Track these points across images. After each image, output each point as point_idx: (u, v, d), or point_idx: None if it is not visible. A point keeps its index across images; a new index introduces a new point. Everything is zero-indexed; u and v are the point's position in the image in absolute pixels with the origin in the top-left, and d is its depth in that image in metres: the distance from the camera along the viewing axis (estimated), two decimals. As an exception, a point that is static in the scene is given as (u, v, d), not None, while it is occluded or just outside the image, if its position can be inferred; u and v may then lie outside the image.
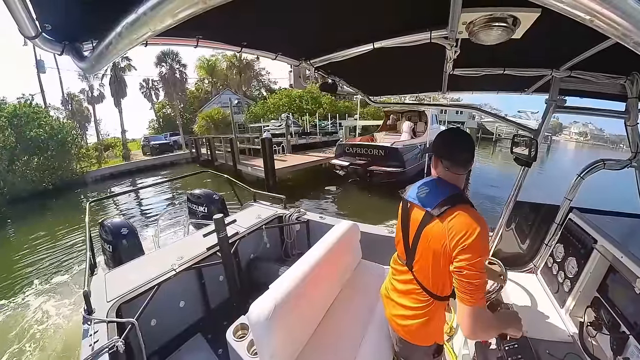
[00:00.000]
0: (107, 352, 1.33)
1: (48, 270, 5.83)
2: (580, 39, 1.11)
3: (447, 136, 1.22)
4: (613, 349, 1.20)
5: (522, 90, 2.05)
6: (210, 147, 16.13)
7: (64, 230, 8.34)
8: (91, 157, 17.89)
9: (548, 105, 1.61)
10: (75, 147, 15.83)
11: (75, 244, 7.26)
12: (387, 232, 2.41)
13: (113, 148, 24.43)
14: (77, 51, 0.86)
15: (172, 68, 25.93)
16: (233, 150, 12.89)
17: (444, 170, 1.18)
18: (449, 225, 1.03)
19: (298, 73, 1.64)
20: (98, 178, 16.75)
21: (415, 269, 1.21)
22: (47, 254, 6.75)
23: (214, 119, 21.98)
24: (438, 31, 1.05)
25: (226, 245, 2.01)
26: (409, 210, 1.25)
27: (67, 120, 19.21)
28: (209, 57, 30.22)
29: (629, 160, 1.53)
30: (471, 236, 0.98)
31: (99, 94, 24.46)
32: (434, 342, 1.25)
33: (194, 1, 0.50)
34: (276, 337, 1.22)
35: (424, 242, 1.14)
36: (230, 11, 0.67)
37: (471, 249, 0.98)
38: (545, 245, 1.91)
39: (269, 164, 10.16)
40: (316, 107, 22.73)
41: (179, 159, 21.52)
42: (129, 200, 11.46)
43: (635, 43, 0.40)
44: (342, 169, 9.89)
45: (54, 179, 13.91)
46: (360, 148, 9.59)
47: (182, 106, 28.93)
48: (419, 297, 1.21)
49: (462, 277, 0.99)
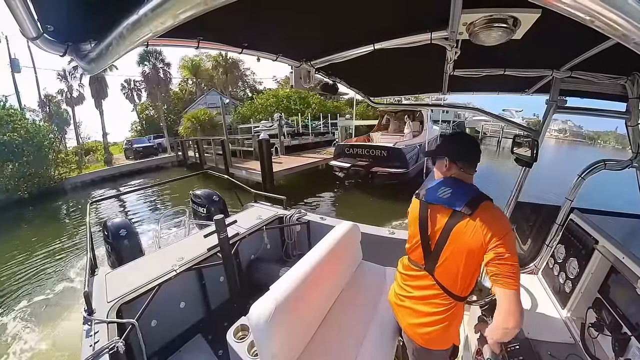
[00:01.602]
0: (108, 352, 1.33)
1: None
2: (580, 40, 1.11)
3: (459, 140, 1.29)
4: (615, 350, 1.19)
5: (523, 90, 2.05)
6: (198, 150, 15.26)
7: (38, 248, 7.11)
8: (70, 163, 16.55)
9: (549, 106, 1.61)
10: (52, 151, 14.55)
11: (46, 264, 6.18)
12: (388, 233, 2.41)
13: (94, 152, 23.04)
14: (79, 52, 0.86)
15: (155, 67, 24.38)
16: (225, 152, 12.08)
17: (459, 171, 1.22)
18: (483, 220, 1.07)
19: (299, 74, 1.65)
20: (78, 185, 15.39)
21: (438, 271, 1.19)
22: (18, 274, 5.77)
23: (200, 120, 20.97)
24: (438, 32, 1.05)
25: (227, 246, 2.01)
26: (429, 212, 1.23)
27: (43, 123, 17.64)
28: (192, 57, 29.01)
29: (630, 160, 1.53)
30: (507, 228, 1.07)
31: (79, 95, 22.89)
32: (451, 344, 1.25)
33: (195, 2, 0.50)
34: (277, 338, 1.22)
35: (454, 241, 1.13)
36: (232, 12, 0.67)
37: (509, 237, 1.05)
38: (547, 246, 1.91)
39: (266, 167, 9.61)
40: (304, 107, 22.42)
41: (165, 163, 20.45)
42: (123, 203, 11.01)
43: (635, 43, 0.40)
44: (342, 171, 9.72)
45: (30, 186, 12.70)
46: (362, 149, 9.37)
47: (166, 107, 27.54)
48: (440, 301, 1.19)
49: (505, 260, 1.02)
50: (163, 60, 24.81)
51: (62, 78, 22.28)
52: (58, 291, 5.06)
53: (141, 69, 24.35)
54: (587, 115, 1.66)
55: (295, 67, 1.64)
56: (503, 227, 1.06)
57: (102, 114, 22.51)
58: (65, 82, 22.37)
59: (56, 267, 6.05)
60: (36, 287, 5.31)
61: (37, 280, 5.56)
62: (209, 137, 16.08)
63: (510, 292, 1.00)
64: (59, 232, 8.29)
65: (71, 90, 22.60)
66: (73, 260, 6.28)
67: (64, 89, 22.65)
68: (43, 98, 22.07)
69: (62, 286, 5.21)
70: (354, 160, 9.39)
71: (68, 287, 5.18)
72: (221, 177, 4.53)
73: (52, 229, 8.82)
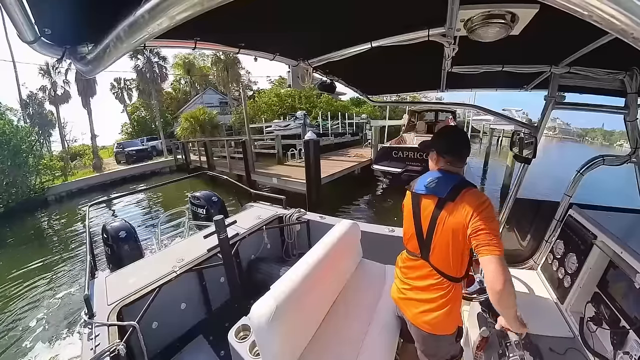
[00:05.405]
0: (109, 355, 1.32)
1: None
2: (579, 35, 1.11)
3: (447, 134, 1.35)
4: (613, 344, 1.20)
5: (521, 87, 2.05)
6: (206, 153, 13.50)
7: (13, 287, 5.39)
8: (54, 169, 14.61)
9: (547, 102, 1.60)
10: (32, 156, 12.77)
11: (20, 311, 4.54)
12: (388, 231, 2.41)
13: (81, 157, 21.25)
14: (77, 55, 0.85)
15: (150, 61, 22.07)
16: (246, 156, 9.84)
17: (446, 164, 1.29)
18: (462, 204, 1.15)
19: (296, 73, 1.64)
20: (63, 195, 13.34)
21: (433, 257, 1.26)
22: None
23: (200, 120, 19.22)
24: (436, 29, 1.05)
25: (227, 247, 2.00)
26: (419, 203, 1.31)
27: (23, 123, 15.66)
28: (186, 54, 27.19)
29: (629, 156, 1.53)
30: (483, 205, 1.13)
31: (64, 93, 20.16)
32: (455, 327, 1.30)
33: (192, 3, 0.50)
34: (278, 338, 1.22)
35: (441, 225, 1.21)
36: (228, 12, 0.67)
37: (486, 213, 1.11)
38: (545, 242, 1.92)
39: (312, 173, 7.65)
40: (310, 106, 22.01)
41: (162, 168, 18.25)
42: (122, 207, 10.31)
43: (634, 38, 0.40)
44: (386, 176, 8.86)
45: (5, 198, 10.86)
46: (413, 152, 8.35)
47: (160, 107, 25.26)
48: (439, 286, 1.25)
49: (482, 230, 1.08)
50: (158, 53, 22.81)
51: (45, 73, 19.70)
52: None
53: (134, 62, 22.20)
54: (585, 110, 1.66)
55: (292, 67, 1.63)
56: (479, 203, 1.13)
57: (90, 114, 20.37)
58: (48, 77, 19.73)
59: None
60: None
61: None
62: (222, 138, 14.58)
63: (492, 257, 1.05)
64: (38, 257, 6.61)
65: (55, 87, 19.87)
66: (58, 312, 4.49)
67: (46, 86, 19.91)
68: (25, 99, 19.12)
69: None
70: (404, 165, 8.40)
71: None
72: (219, 177, 4.52)
73: (29, 255, 6.82)
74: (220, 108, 26.31)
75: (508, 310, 1.09)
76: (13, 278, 5.77)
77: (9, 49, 16.62)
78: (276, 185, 9.08)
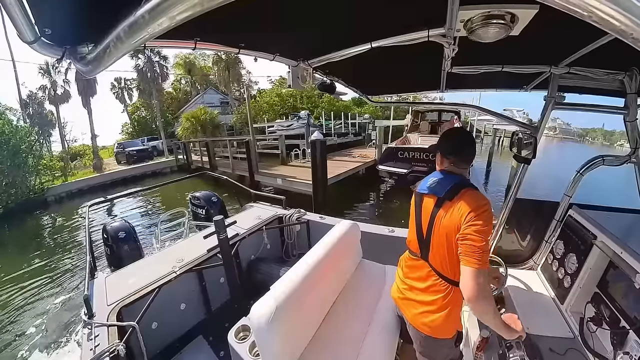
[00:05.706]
0: (108, 355, 1.32)
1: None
2: (578, 35, 1.11)
3: (451, 135, 1.36)
4: (613, 344, 1.20)
5: (521, 87, 2.05)
6: (208, 153, 13.39)
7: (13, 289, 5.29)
8: (54, 169, 14.59)
9: (547, 102, 1.60)
10: (32, 156, 12.69)
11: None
12: (388, 231, 2.41)
13: (82, 157, 21.20)
14: (77, 55, 0.86)
15: (150, 60, 21.89)
16: (250, 156, 9.91)
17: (450, 165, 1.29)
18: (459, 204, 1.14)
19: (296, 73, 1.64)
20: (62, 195, 13.26)
21: (432, 258, 1.26)
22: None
23: (201, 120, 19.30)
24: (436, 29, 1.05)
25: (226, 247, 2.00)
26: (421, 202, 1.32)
27: (22, 123, 15.53)
28: (186, 54, 26.68)
29: (629, 156, 1.53)
30: (480, 208, 1.10)
31: (64, 92, 20.08)
32: (455, 331, 1.29)
33: (192, 3, 0.50)
34: (278, 338, 1.22)
35: (438, 226, 1.21)
36: (228, 13, 0.67)
37: (479, 219, 1.08)
38: (545, 242, 1.92)
39: (319, 174, 7.61)
40: (312, 106, 21.94)
41: (163, 168, 18.13)
42: (121, 208, 10.19)
43: (634, 39, 0.40)
44: (392, 177, 8.74)
45: (4, 199, 10.85)
46: (419, 152, 8.30)
47: (161, 107, 25.15)
48: (439, 288, 1.25)
49: (468, 240, 1.07)
50: (159, 52, 22.60)
51: (45, 73, 19.70)
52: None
53: (134, 62, 22.07)
54: (585, 111, 1.66)
55: (292, 67, 1.63)
56: (477, 206, 1.11)
57: (90, 113, 20.32)
58: (48, 77, 19.70)
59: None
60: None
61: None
62: (224, 138, 14.30)
63: (467, 269, 1.05)
64: (37, 258, 6.61)
65: (55, 86, 19.83)
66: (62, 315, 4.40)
67: (46, 85, 19.93)
68: (23, 95, 18.77)
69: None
70: (410, 165, 8.29)
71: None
72: (219, 177, 4.52)
73: (28, 257, 6.78)
74: (221, 108, 26.24)
75: (489, 322, 1.10)
76: (12, 279, 5.74)
77: (9, 48, 16.51)
78: (281, 187, 8.94)
